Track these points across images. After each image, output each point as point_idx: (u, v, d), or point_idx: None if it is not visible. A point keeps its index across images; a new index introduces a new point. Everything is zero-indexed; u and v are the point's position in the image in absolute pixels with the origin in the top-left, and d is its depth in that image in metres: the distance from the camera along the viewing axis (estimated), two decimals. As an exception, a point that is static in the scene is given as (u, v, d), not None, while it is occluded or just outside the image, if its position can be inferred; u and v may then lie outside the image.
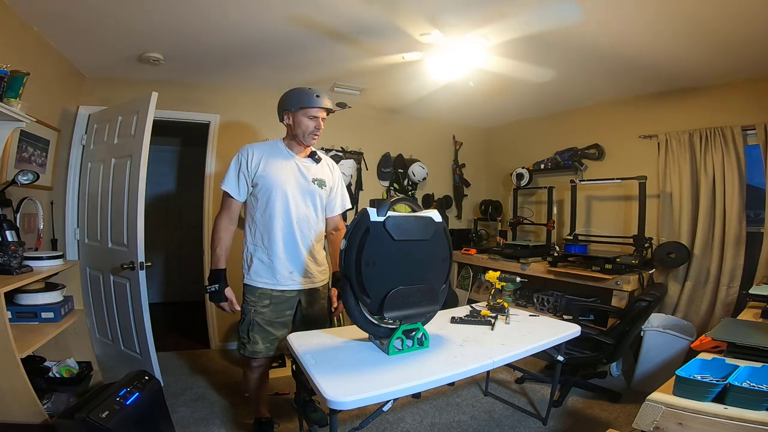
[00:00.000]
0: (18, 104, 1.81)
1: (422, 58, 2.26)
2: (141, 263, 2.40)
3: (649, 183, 3.01)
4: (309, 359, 1.39)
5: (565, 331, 1.86)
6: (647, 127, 3.21)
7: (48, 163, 2.59)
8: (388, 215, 1.39)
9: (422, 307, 1.49)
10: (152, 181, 3.21)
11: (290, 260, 1.84)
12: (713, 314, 2.79)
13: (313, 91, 1.78)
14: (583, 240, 3.35)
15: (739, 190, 2.71)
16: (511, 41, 2.10)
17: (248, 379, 1.96)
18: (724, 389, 1.07)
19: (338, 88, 3.27)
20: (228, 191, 1.83)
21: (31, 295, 1.99)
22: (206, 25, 2.20)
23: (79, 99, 2.91)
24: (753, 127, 2.67)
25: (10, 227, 1.85)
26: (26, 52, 2.16)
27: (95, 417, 1.46)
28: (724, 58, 2.43)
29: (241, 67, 2.87)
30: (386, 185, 3.96)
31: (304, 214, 1.85)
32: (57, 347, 2.19)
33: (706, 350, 1.46)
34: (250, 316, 1.83)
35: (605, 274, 2.76)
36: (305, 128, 1.80)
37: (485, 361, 1.44)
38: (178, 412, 2.22)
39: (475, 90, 2.92)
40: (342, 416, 1.83)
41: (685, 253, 2.88)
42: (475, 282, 4.00)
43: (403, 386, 1.22)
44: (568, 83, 3.01)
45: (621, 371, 2.86)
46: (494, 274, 2.19)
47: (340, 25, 2.15)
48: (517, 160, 4.08)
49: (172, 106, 3.04)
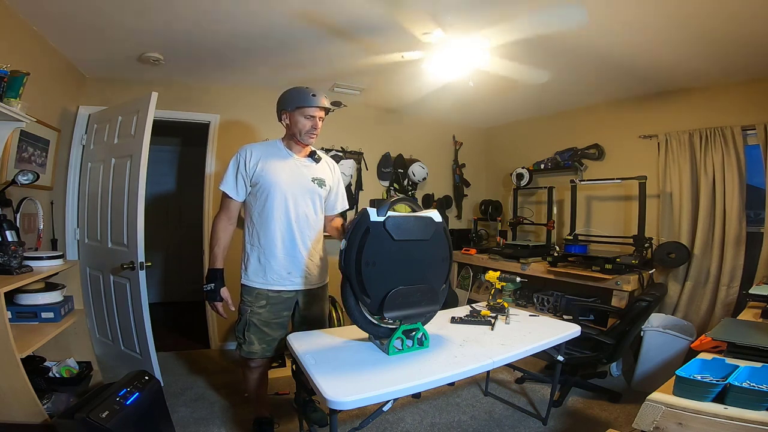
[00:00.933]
0: (18, 104, 1.81)
1: (422, 57, 2.25)
2: (141, 263, 2.40)
3: (649, 183, 3.01)
4: (309, 359, 1.39)
5: (565, 331, 1.86)
6: (647, 127, 3.21)
7: (48, 163, 2.59)
8: (388, 215, 1.39)
9: (422, 307, 1.49)
10: (152, 181, 3.21)
11: (289, 260, 1.82)
12: (713, 314, 2.79)
13: (309, 91, 1.77)
14: (583, 240, 3.35)
15: (739, 190, 2.71)
16: (512, 43, 2.10)
17: (247, 379, 1.96)
18: (724, 389, 1.07)
19: (338, 88, 3.27)
20: (226, 191, 1.82)
21: (31, 295, 1.99)
22: (206, 22, 2.19)
23: (79, 99, 2.91)
24: (753, 127, 2.67)
25: (10, 227, 1.85)
26: (26, 52, 2.16)
27: (95, 417, 1.46)
28: (724, 58, 2.43)
29: (242, 66, 2.86)
30: (386, 185, 3.96)
31: (304, 213, 1.84)
32: (57, 347, 2.18)
33: (706, 350, 1.46)
34: (247, 316, 1.82)
35: (605, 274, 2.76)
36: (302, 127, 1.80)
37: (485, 361, 1.44)
38: (178, 412, 2.22)
39: (475, 90, 2.92)
40: (342, 416, 1.83)
41: (685, 253, 2.88)
42: (475, 282, 4.00)
43: (403, 386, 1.23)
44: (569, 83, 3.01)
45: (621, 371, 2.86)
46: (494, 274, 2.19)
47: (342, 21, 2.14)
48: (517, 160, 4.08)
49: (172, 106, 3.04)
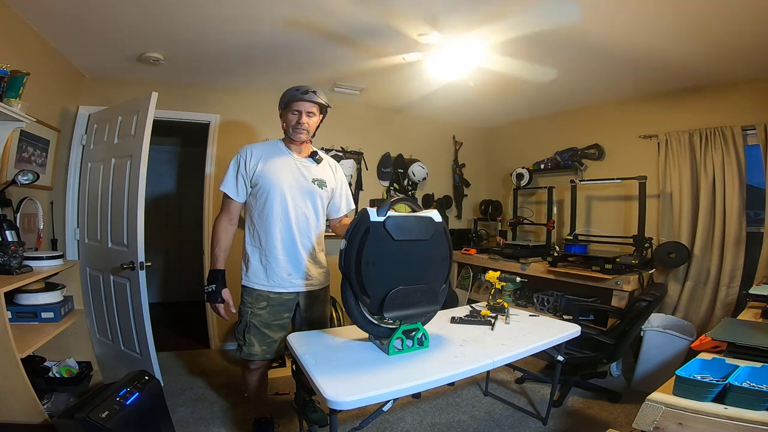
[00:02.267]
0: (18, 104, 1.81)
1: (422, 58, 2.26)
2: (141, 263, 2.40)
3: (649, 183, 3.01)
4: (309, 359, 1.39)
5: (565, 331, 1.86)
6: (647, 127, 3.21)
7: (48, 163, 2.59)
8: (388, 215, 1.39)
9: (422, 307, 1.49)
10: (152, 181, 3.21)
11: (289, 262, 1.81)
12: (713, 314, 2.79)
13: (296, 87, 1.78)
14: (583, 240, 3.35)
15: (739, 190, 2.71)
16: (510, 40, 2.10)
17: (247, 380, 1.95)
18: (724, 389, 1.07)
19: (338, 88, 3.27)
20: (227, 192, 1.82)
21: (31, 295, 1.99)
22: (206, 27, 2.21)
23: (79, 99, 2.91)
24: (753, 127, 2.67)
25: (10, 227, 1.85)
26: (26, 52, 2.16)
27: (95, 417, 1.46)
28: (724, 57, 2.43)
29: (241, 69, 2.88)
30: (386, 185, 3.96)
31: (303, 214, 1.83)
32: (57, 347, 2.18)
33: (706, 350, 1.46)
34: (247, 317, 1.81)
35: (605, 274, 2.76)
36: (288, 122, 1.81)
37: (485, 361, 1.44)
38: (178, 412, 2.22)
39: (475, 90, 2.92)
40: (342, 416, 1.83)
41: (685, 253, 2.88)
42: (475, 282, 4.00)
43: (403, 386, 1.23)
44: (569, 83, 3.01)
45: (621, 371, 2.86)
46: (494, 274, 2.19)
47: (337, 26, 2.16)
48: (517, 160, 4.08)
49: (172, 106, 3.04)
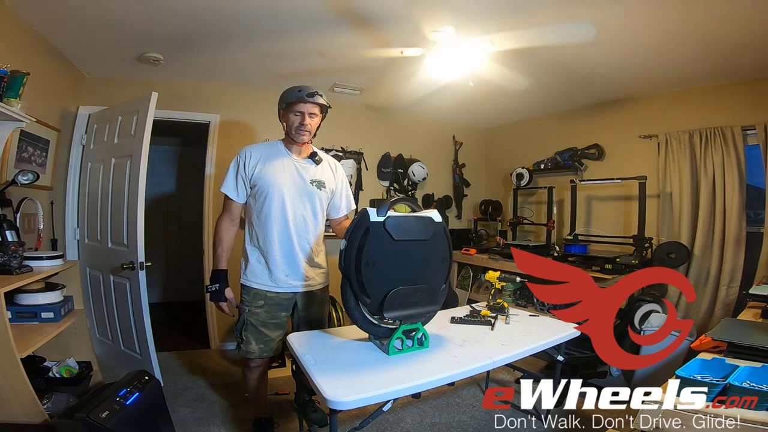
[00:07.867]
0: (18, 104, 1.81)
1: (423, 54, 2.23)
2: (141, 263, 2.39)
3: (649, 183, 3.00)
4: (309, 359, 1.39)
5: (565, 331, 1.86)
6: (647, 127, 3.20)
7: (48, 163, 2.59)
8: (388, 215, 1.39)
9: (422, 307, 1.49)
10: (152, 181, 3.21)
11: (286, 263, 1.82)
12: (713, 314, 2.79)
13: (297, 87, 1.78)
14: (583, 240, 3.34)
15: (739, 190, 2.70)
16: (513, 50, 2.09)
17: (247, 379, 1.96)
18: (724, 389, 1.07)
19: (338, 88, 3.27)
20: (227, 193, 1.83)
21: (31, 295, 1.99)
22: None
23: (79, 99, 2.91)
24: (753, 127, 2.66)
25: (10, 227, 1.85)
26: (26, 52, 2.16)
27: (95, 417, 1.46)
28: (724, 57, 2.43)
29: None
30: (386, 185, 3.96)
31: (302, 216, 1.83)
32: (57, 347, 2.18)
33: (706, 350, 1.46)
34: (245, 316, 1.83)
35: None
36: (291, 124, 1.80)
37: (485, 361, 1.44)
38: (178, 412, 2.22)
39: (475, 90, 2.91)
40: (342, 416, 1.81)
41: (685, 253, 2.87)
42: (475, 282, 4.00)
43: (403, 386, 1.23)
44: (569, 83, 3.01)
45: (621, 371, 2.85)
46: (494, 274, 2.19)
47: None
48: (517, 160, 4.07)
49: (172, 106, 3.03)
